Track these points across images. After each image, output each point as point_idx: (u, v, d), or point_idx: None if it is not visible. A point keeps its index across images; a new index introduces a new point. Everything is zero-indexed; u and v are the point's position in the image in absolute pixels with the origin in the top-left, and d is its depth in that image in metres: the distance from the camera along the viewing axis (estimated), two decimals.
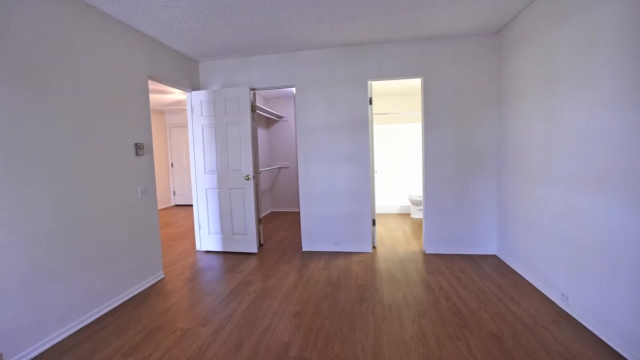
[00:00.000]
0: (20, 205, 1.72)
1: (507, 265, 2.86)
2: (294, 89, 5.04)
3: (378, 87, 4.69)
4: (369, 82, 3.27)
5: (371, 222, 3.38)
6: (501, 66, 2.96)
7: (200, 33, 2.73)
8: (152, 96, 5.26)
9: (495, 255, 3.13)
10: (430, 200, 3.24)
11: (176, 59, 3.14)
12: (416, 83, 4.54)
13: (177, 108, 6.48)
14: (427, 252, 3.28)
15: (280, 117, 5.91)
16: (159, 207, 6.76)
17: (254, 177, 3.42)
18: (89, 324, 2.09)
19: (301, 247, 3.58)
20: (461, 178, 3.16)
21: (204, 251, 3.62)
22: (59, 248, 1.93)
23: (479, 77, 3.04)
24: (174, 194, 7.19)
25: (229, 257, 3.37)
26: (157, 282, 2.74)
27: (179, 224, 5.15)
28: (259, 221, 3.64)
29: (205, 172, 3.51)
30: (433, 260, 3.06)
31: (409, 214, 5.39)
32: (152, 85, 4.41)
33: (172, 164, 7.14)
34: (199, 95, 3.43)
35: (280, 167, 6.09)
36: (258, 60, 3.44)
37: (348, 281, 2.64)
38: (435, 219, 3.24)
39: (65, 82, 1.97)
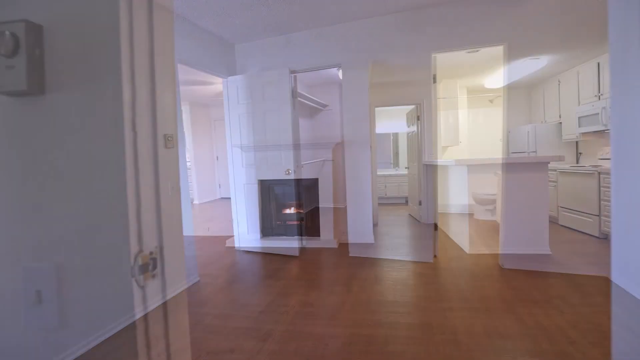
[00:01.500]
0: (21, 207, 1.51)
1: (634, 296, 2.09)
2: (339, 73, 4.56)
3: None
4: (433, 55, 2.65)
5: (433, 226, 2.80)
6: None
7: (233, 5, 2.37)
8: (194, 88, 5.16)
9: (606, 278, 2.36)
10: (510, 200, 2.55)
11: (209, 41, 2.83)
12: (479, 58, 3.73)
13: (220, 100, 6.38)
14: (505, 266, 2.62)
15: (324, 105, 5.44)
16: (205, 200, 6.81)
17: (294, 172, 3.04)
18: (111, 336, 1.88)
19: (348, 252, 3.14)
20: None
21: (243, 251, 3.36)
22: (72, 252, 1.72)
23: (589, 30, 2.26)
24: (220, 187, 7.22)
25: (269, 260, 3.06)
26: (190, 286, 2.51)
27: (221, 219, 5.03)
28: (301, 219, 3.27)
29: (242, 166, 3.22)
30: (516, 279, 2.40)
31: (472, 214, 4.63)
32: (194, 75, 4.25)
33: (217, 157, 7.15)
34: (235, 81, 3.11)
35: (324, 160, 5.67)
36: (298, 38, 3.00)
37: (407, 302, 2.13)
38: (518, 225, 2.55)
39: None
